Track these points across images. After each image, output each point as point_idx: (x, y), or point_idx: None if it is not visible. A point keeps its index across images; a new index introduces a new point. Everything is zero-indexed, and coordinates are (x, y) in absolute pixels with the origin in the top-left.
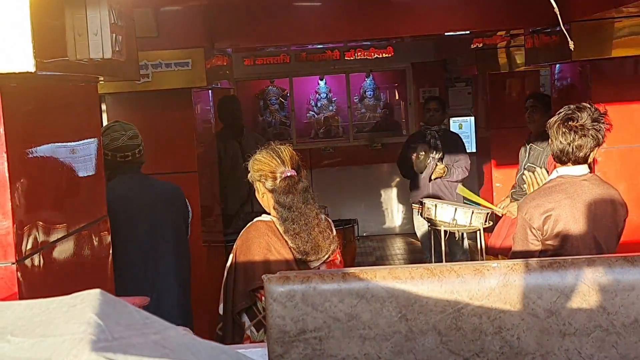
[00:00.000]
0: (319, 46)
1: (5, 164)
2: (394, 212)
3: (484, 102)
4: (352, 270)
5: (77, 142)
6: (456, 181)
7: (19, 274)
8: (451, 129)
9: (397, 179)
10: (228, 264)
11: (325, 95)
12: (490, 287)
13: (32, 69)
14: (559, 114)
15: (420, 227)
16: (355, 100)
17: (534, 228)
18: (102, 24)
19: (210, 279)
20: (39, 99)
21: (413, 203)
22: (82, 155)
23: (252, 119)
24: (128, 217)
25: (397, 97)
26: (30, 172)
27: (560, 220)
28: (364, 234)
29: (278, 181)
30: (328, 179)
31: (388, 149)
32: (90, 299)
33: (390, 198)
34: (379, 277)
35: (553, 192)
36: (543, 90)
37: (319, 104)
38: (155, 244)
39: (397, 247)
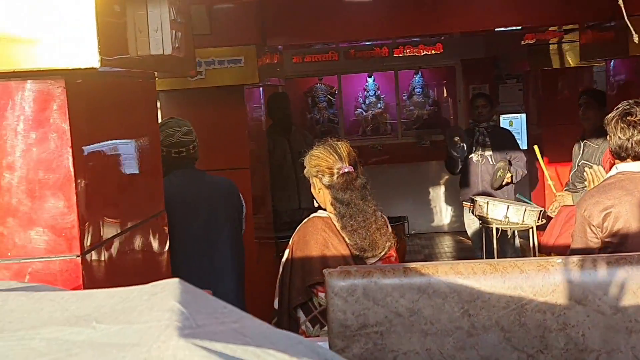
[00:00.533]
0: (368, 43)
1: (71, 158)
2: (443, 210)
3: (536, 98)
4: (413, 265)
5: (137, 138)
6: (516, 182)
7: (83, 267)
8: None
9: (446, 177)
10: (284, 259)
11: (373, 92)
12: (555, 283)
13: (97, 65)
14: (616, 109)
15: (471, 225)
16: (403, 98)
17: (593, 225)
18: (163, 20)
19: (261, 275)
20: (101, 96)
21: (463, 201)
22: (141, 151)
23: (300, 116)
24: (184, 212)
25: (445, 95)
26: (93, 167)
27: (621, 217)
28: (412, 232)
29: (335, 177)
30: (376, 177)
31: (436, 147)
32: (170, 287)
33: (439, 196)
34: (441, 272)
35: (612, 189)
36: (596, 87)
37: (367, 102)
38: (210, 239)
39: (446, 245)
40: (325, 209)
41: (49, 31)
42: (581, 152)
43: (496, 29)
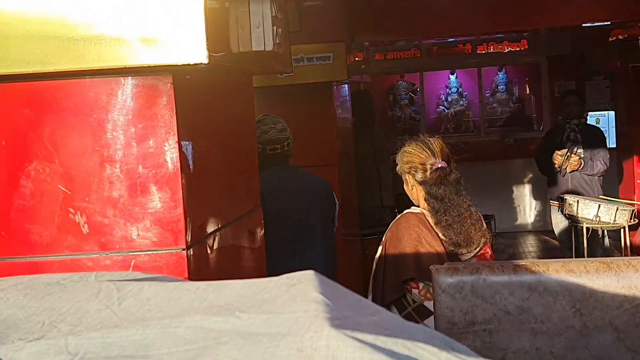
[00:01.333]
0: (450, 40)
1: (177, 153)
2: (527, 209)
3: (626, 96)
4: (523, 262)
5: (237, 135)
6: (596, 174)
7: (188, 260)
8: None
9: (530, 175)
10: (377, 255)
11: (456, 89)
12: None
13: (205, 61)
14: None
15: (559, 224)
16: (486, 95)
17: None
18: (264, 16)
19: (348, 272)
20: (205, 92)
21: (551, 199)
22: (240, 148)
23: (381, 113)
24: (278, 208)
25: (529, 92)
26: (197, 162)
27: None
28: (496, 231)
29: (429, 173)
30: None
31: (520, 144)
32: (307, 278)
33: (523, 194)
34: (552, 270)
35: None
36: None
37: (449, 99)
38: (304, 236)
39: (530, 244)
40: (418, 206)
41: (158, 28)
42: None
43: (584, 25)
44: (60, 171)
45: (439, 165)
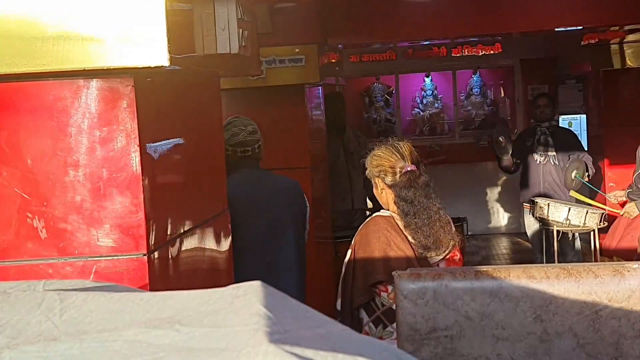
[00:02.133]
0: (426, 43)
1: (138, 157)
2: (500, 211)
3: (597, 99)
4: (485, 268)
5: (202, 138)
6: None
7: (149, 265)
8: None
9: (504, 178)
10: (346, 259)
11: (431, 92)
12: (631, 288)
13: (167, 64)
14: None
15: (531, 226)
16: (461, 98)
17: None
18: (230, 19)
19: (320, 275)
20: (168, 95)
21: (523, 202)
22: (206, 150)
23: (357, 116)
24: (248, 211)
25: (503, 95)
26: (160, 166)
27: None
28: (469, 233)
29: (398, 176)
30: (433, 177)
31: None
32: (253, 290)
33: (497, 197)
34: (513, 276)
35: None
36: None
37: (424, 101)
38: (274, 239)
39: (504, 246)
40: (387, 209)
41: (118, 30)
42: None
43: (556, 29)
44: (18, 175)
45: (409, 169)
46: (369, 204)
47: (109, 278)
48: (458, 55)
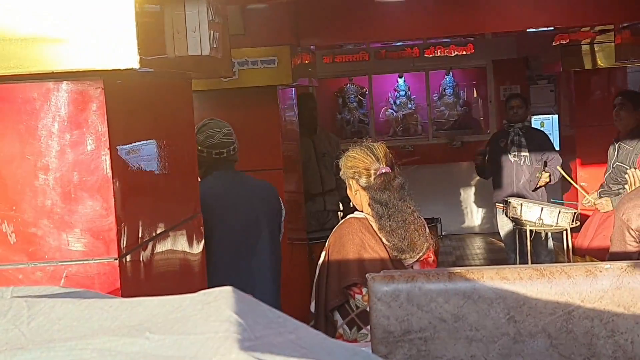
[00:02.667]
0: (398, 44)
1: (109, 160)
2: (474, 211)
3: (569, 99)
4: (458, 270)
5: (174, 140)
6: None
7: (120, 270)
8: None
9: (477, 178)
10: (320, 261)
11: (404, 93)
12: (603, 289)
13: (137, 66)
14: None
15: (504, 226)
16: (434, 98)
17: (632, 229)
18: (201, 20)
19: (294, 277)
20: (139, 97)
21: (496, 202)
22: (177, 153)
23: (330, 117)
24: (223, 213)
25: (476, 95)
26: (130, 169)
27: None
28: (443, 233)
29: (373, 178)
30: (407, 177)
31: (468, 147)
32: (224, 296)
33: (470, 197)
34: (486, 278)
35: None
36: (629, 88)
37: (397, 102)
38: (250, 241)
39: (477, 246)
40: (361, 211)
41: (88, 32)
42: (616, 153)
43: (528, 30)
44: None
45: (383, 171)
46: (341, 206)
47: (80, 283)
48: (431, 56)
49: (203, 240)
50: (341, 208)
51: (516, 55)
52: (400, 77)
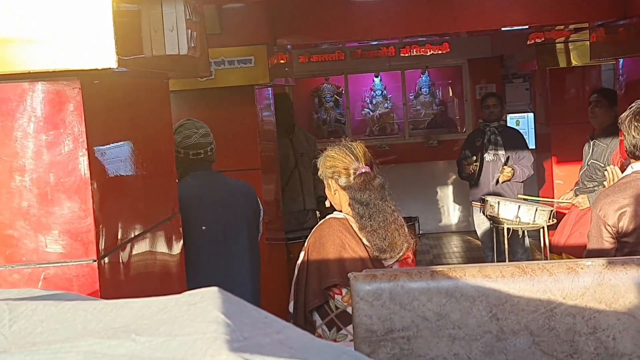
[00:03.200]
0: (374, 43)
1: (86, 161)
2: (451, 210)
3: (544, 98)
4: (440, 268)
5: (151, 140)
6: (523, 180)
7: (99, 271)
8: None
9: (454, 177)
10: (299, 261)
11: (380, 92)
12: (585, 286)
13: (115, 65)
14: (630, 108)
15: (481, 225)
16: (410, 97)
17: (608, 225)
18: (178, 19)
19: (273, 277)
20: (116, 97)
21: (473, 201)
22: (155, 153)
23: (306, 116)
24: (201, 214)
25: (452, 94)
26: (109, 169)
27: (636, 216)
28: (421, 232)
29: (352, 177)
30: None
31: (444, 146)
32: (210, 297)
33: (447, 195)
34: (469, 276)
35: (628, 188)
36: (603, 86)
37: (374, 101)
38: (228, 242)
39: (455, 245)
40: (340, 211)
41: (65, 32)
42: (591, 151)
43: (503, 29)
44: None
45: (363, 170)
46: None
47: (58, 285)
48: (407, 55)
49: (182, 241)
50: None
51: (491, 54)
52: (377, 77)
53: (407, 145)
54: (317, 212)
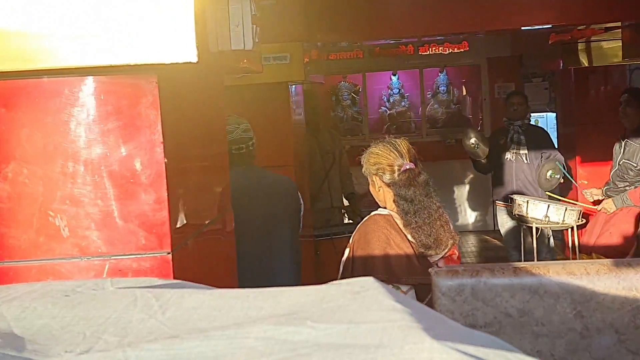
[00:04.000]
0: (392, 41)
1: (162, 154)
2: (468, 209)
3: (568, 97)
4: (523, 264)
5: (213, 135)
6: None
7: (174, 263)
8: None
9: (471, 176)
10: (344, 257)
11: (397, 90)
12: None
13: (195, 60)
14: None
15: (505, 224)
16: (428, 96)
17: None
18: (244, 15)
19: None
20: (187, 92)
21: (497, 200)
22: (216, 148)
23: (323, 114)
24: (244, 209)
25: (468, 93)
26: (179, 164)
27: None
28: None
29: (397, 174)
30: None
31: (461, 145)
32: (372, 286)
33: (464, 194)
34: (553, 273)
35: None
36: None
37: (391, 100)
38: (271, 236)
39: (471, 244)
40: (385, 207)
41: (145, 25)
42: (622, 150)
43: (523, 28)
44: (39, 173)
45: (407, 167)
46: (345, 202)
47: (133, 277)
48: (425, 53)
49: (234, 234)
50: (345, 204)
51: (511, 53)
52: (394, 75)
53: (424, 144)
54: (343, 210)
